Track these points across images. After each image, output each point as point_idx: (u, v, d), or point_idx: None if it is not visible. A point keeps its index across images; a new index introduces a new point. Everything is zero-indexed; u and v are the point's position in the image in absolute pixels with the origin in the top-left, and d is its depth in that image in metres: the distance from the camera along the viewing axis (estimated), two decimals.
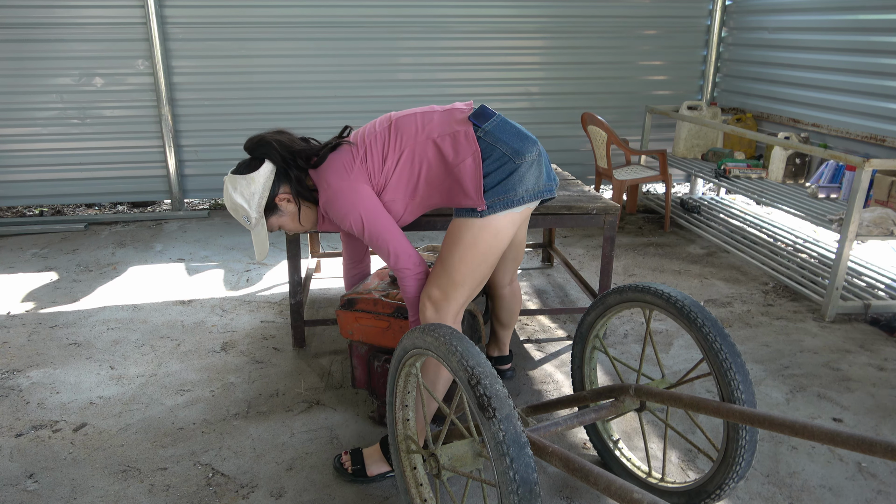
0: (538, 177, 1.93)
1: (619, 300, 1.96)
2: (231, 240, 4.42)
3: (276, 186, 1.96)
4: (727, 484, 1.77)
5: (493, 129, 1.90)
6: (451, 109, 1.97)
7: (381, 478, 2.08)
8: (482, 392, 1.36)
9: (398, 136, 1.93)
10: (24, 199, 4.92)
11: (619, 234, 4.57)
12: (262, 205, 1.96)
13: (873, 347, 2.98)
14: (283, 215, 2.01)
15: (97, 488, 2.05)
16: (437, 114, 1.96)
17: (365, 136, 1.97)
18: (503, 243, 1.95)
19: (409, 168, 1.93)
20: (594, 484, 1.35)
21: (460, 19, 5.08)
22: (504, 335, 2.60)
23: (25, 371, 2.73)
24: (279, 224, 2.04)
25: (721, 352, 1.71)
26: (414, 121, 1.95)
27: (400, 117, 1.97)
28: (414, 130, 1.93)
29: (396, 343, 2.16)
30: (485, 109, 1.94)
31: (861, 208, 3.10)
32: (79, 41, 4.64)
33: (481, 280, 1.96)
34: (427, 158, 1.92)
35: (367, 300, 2.22)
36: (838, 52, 4.26)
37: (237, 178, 1.94)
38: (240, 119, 5.00)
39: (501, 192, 1.87)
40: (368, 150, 1.93)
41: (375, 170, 1.93)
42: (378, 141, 1.94)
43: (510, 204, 1.88)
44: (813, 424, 1.39)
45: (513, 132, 1.92)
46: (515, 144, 1.89)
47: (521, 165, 1.89)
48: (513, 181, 1.87)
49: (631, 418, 2.43)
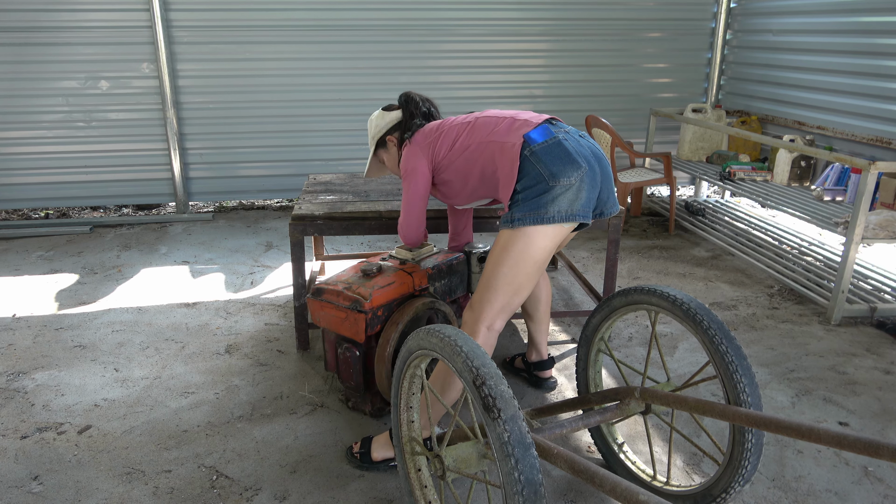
0: (573, 201, 2.00)
1: (625, 302, 1.95)
2: (235, 242, 4.43)
3: (394, 129, 2.40)
4: (733, 488, 1.76)
5: (539, 151, 2.01)
6: (521, 122, 2.12)
7: (385, 465, 2.14)
8: (487, 393, 1.35)
9: (473, 132, 2.19)
10: (29, 201, 4.93)
11: (624, 237, 4.56)
12: (377, 136, 2.42)
13: (879, 351, 2.97)
14: (386, 151, 2.44)
15: (102, 490, 2.05)
16: (509, 121, 2.15)
17: (448, 124, 2.29)
18: (537, 254, 2.02)
19: (469, 160, 2.18)
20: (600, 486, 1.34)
21: (464, 22, 5.09)
22: (536, 332, 2.58)
23: (31, 373, 2.74)
24: (382, 157, 2.48)
25: (727, 354, 1.70)
26: (490, 123, 2.18)
27: (481, 117, 2.23)
28: (486, 132, 2.15)
29: (353, 333, 2.26)
30: (545, 129, 2.06)
31: (867, 211, 3.09)
32: (84, 45, 4.65)
33: (517, 289, 2.03)
34: (484, 157, 2.14)
35: (331, 291, 2.32)
36: (844, 54, 4.25)
37: (383, 112, 2.44)
38: (244, 122, 5.01)
39: (534, 207, 1.99)
40: (443, 136, 2.25)
41: (442, 152, 2.25)
42: (453, 131, 2.25)
43: (540, 220, 1.98)
44: (819, 427, 1.38)
45: (559, 156, 1.99)
46: (554, 168, 1.98)
47: (555, 187, 1.97)
48: (545, 199, 1.98)
49: (635, 421, 2.42)
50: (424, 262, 2.49)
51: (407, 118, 2.38)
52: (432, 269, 2.45)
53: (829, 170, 4.09)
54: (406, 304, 2.31)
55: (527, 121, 2.11)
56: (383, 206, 2.83)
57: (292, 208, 4.75)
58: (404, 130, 2.37)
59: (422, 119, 2.38)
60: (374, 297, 2.23)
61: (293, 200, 5.52)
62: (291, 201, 5.53)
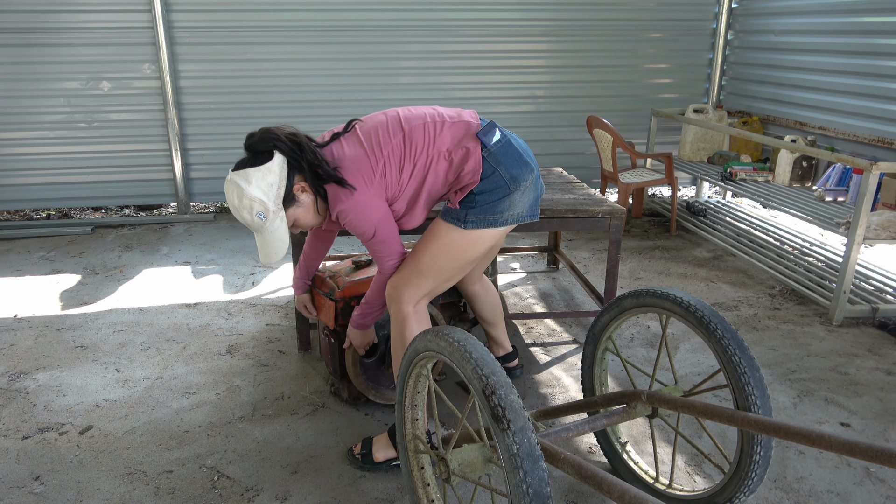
0: (527, 202, 2.01)
1: (636, 304, 1.92)
2: (237, 243, 4.43)
3: (291, 176, 1.87)
4: (737, 497, 1.75)
5: (497, 152, 1.93)
6: (459, 122, 1.96)
7: (388, 465, 2.14)
8: (497, 403, 1.34)
9: (412, 147, 1.92)
10: (31, 202, 4.94)
11: (625, 238, 4.55)
12: (282, 195, 1.84)
13: (881, 351, 2.96)
14: (299, 206, 1.90)
15: (103, 491, 2.05)
16: (447, 124, 1.95)
17: (381, 143, 1.91)
18: (478, 253, 2.03)
19: (419, 178, 1.96)
20: (607, 492, 1.33)
21: (465, 23, 5.09)
22: (497, 333, 2.56)
23: (32, 373, 2.74)
24: (295, 217, 1.92)
25: (740, 366, 1.67)
26: (424, 129, 1.93)
27: (412, 127, 1.93)
28: (426, 141, 1.93)
29: (328, 318, 2.37)
30: (493, 127, 1.96)
31: (868, 212, 3.09)
32: (86, 45, 4.66)
33: (447, 278, 2.03)
34: (436, 170, 1.95)
35: (319, 278, 2.45)
36: (845, 54, 4.25)
37: (250, 171, 1.81)
38: (246, 122, 5.00)
39: (490, 211, 1.94)
40: (388, 163, 1.90)
41: (392, 182, 1.93)
42: (396, 153, 1.91)
43: (494, 224, 1.97)
44: (830, 434, 1.36)
45: (514, 157, 1.95)
46: (514, 171, 1.94)
47: (515, 192, 1.96)
48: (503, 205, 1.95)
49: (638, 422, 2.41)
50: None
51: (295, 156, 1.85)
52: None
53: (830, 170, 4.08)
54: None
55: (464, 119, 1.97)
56: None
57: None
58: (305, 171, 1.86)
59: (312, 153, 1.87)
60: (347, 287, 2.32)
61: None
62: None
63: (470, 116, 2.00)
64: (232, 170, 1.86)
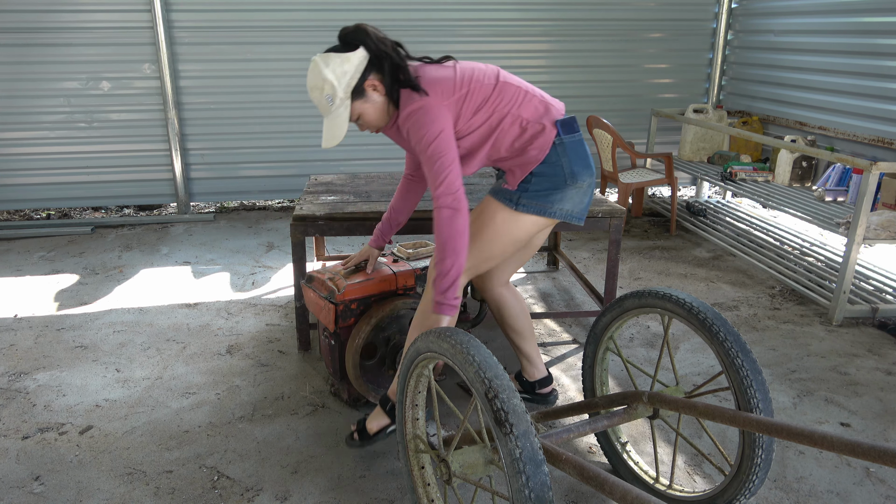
0: (577, 203, 2.06)
1: (638, 304, 1.92)
2: (237, 243, 4.43)
3: (367, 72, 1.91)
4: (738, 500, 1.75)
5: (568, 144, 2.01)
6: (546, 102, 2.05)
7: (384, 435, 2.15)
8: (499, 406, 1.34)
9: (498, 98, 1.98)
10: (31, 202, 4.94)
11: (625, 238, 4.55)
12: (352, 85, 1.89)
13: (881, 351, 2.96)
14: (366, 102, 1.94)
15: (103, 491, 2.05)
16: (536, 98, 2.03)
17: (473, 80, 1.97)
18: (520, 238, 2.07)
19: (489, 129, 2.00)
20: (609, 493, 1.33)
21: (465, 23, 5.09)
22: (529, 349, 2.40)
23: (32, 373, 2.74)
24: (361, 111, 1.95)
25: (742, 368, 1.67)
26: (517, 93, 2.00)
27: (506, 82, 2.01)
28: (512, 100, 1.99)
29: (326, 322, 2.35)
30: (574, 122, 2.05)
31: (868, 212, 3.09)
32: (86, 45, 4.66)
33: (487, 257, 2.09)
34: (507, 131, 2.00)
35: (318, 279, 2.41)
36: (845, 55, 4.25)
37: (331, 55, 1.90)
38: (245, 123, 5.01)
39: (543, 199, 2.01)
40: (470, 95, 1.95)
41: (466, 115, 1.96)
42: (480, 93, 1.97)
43: (544, 212, 2.03)
44: (832, 435, 1.36)
45: (581, 155, 2.03)
46: (576, 168, 2.02)
47: (570, 188, 2.02)
48: (556, 196, 2.02)
49: (639, 421, 2.41)
50: (417, 262, 2.48)
51: (378, 55, 1.91)
52: (421, 271, 2.45)
53: (830, 170, 4.08)
54: (385, 302, 2.34)
55: (551, 103, 2.04)
56: (384, 207, 2.83)
57: (293, 209, 4.75)
58: (385, 71, 1.92)
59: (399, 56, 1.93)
60: (346, 290, 2.30)
61: (294, 201, 5.52)
62: (292, 202, 5.53)
63: (557, 104, 2.08)
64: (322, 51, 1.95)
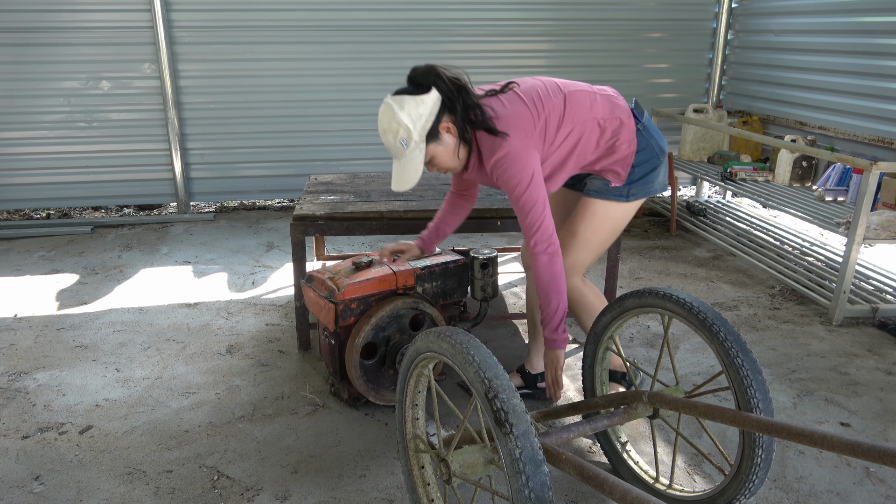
0: (665, 173, 2.19)
1: (639, 304, 1.91)
2: (236, 242, 4.43)
3: (441, 115, 1.92)
4: (738, 500, 1.75)
5: (648, 125, 2.12)
6: (608, 95, 2.10)
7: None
8: (499, 406, 1.34)
9: (573, 109, 2.00)
10: (30, 201, 4.94)
11: (625, 237, 4.55)
12: (427, 128, 1.89)
13: (881, 351, 2.96)
14: (440, 144, 1.94)
15: (103, 490, 2.05)
16: (600, 95, 2.08)
17: (543, 101, 1.96)
18: (625, 226, 2.24)
19: (573, 141, 2.03)
20: (609, 493, 1.33)
21: (466, 23, 5.09)
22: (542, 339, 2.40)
23: (32, 373, 2.74)
24: (434, 153, 1.95)
25: (742, 368, 1.67)
26: (585, 97, 2.03)
27: (571, 91, 2.03)
28: (587, 107, 2.02)
29: (326, 321, 2.36)
30: (638, 104, 2.16)
31: (868, 211, 3.09)
32: (86, 45, 4.66)
33: (599, 252, 2.25)
34: (587, 136, 2.04)
35: (318, 279, 2.42)
36: (845, 54, 4.24)
37: (406, 97, 1.89)
38: (246, 122, 5.01)
39: (649, 181, 2.12)
40: (548, 121, 1.96)
41: (549, 139, 1.98)
42: (556, 111, 1.98)
43: (650, 192, 2.14)
44: (832, 435, 1.36)
45: (657, 131, 2.17)
46: (661, 143, 2.15)
47: (663, 162, 2.15)
48: (656, 174, 2.13)
49: (639, 422, 2.41)
50: (417, 262, 2.47)
51: (451, 97, 1.92)
52: (421, 270, 2.43)
53: (830, 170, 4.08)
54: (385, 301, 2.34)
55: (613, 96, 2.12)
56: (384, 207, 2.83)
57: (293, 209, 4.74)
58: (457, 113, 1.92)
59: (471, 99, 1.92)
60: (346, 289, 2.30)
61: (294, 201, 5.52)
62: (292, 202, 5.53)
63: (613, 92, 2.14)
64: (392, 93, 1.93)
